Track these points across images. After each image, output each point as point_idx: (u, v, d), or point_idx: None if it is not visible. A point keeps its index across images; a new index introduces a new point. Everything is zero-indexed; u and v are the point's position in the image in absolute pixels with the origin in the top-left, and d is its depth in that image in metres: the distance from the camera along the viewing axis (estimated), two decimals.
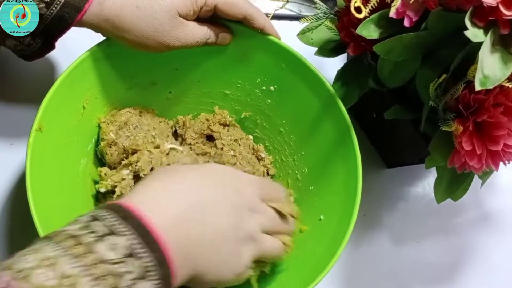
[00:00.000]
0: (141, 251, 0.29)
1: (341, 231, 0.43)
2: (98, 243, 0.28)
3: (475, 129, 0.42)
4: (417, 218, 0.61)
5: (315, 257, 0.45)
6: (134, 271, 0.28)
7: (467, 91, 0.42)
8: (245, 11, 0.46)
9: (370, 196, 0.60)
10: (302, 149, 0.53)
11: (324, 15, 0.51)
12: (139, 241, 0.29)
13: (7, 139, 0.54)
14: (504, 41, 0.38)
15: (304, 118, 0.52)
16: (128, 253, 0.28)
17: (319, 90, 0.49)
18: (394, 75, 0.47)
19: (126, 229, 0.29)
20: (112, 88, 0.50)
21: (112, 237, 0.28)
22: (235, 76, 0.53)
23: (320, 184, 0.51)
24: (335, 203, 0.47)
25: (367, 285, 0.57)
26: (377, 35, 0.43)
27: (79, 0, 0.41)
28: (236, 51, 0.51)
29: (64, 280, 0.25)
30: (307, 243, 0.48)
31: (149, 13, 0.42)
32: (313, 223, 0.49)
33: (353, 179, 0.45)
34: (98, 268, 0.27)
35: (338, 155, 0.48)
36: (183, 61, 0.51)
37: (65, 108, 0.45)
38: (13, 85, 0.57)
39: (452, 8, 0.40)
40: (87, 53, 0.45)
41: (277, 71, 0.51)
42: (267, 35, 0.49)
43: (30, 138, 0.41)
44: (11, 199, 0.51)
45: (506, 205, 0.64)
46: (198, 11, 0.45)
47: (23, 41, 0.44)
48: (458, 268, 0.60)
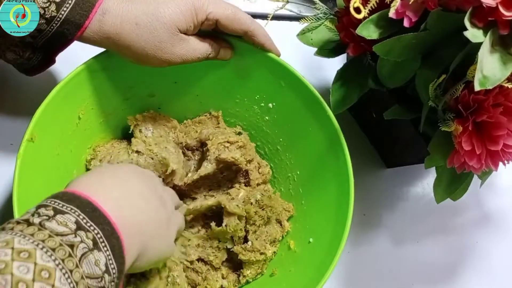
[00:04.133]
0: (89, 224, 0.31)
1: (330, 255, 0.43)
2: (48, 222, 0.29)
3: (475, 129, 0.42)
4: (417, 218, 0.61)
5: (305, 278, 0.45)
6: (85, 241, 0.30)
7: (466, 91, 0.42)
8: (246, 27, 0.46)
9: (370, 196, 0.60)
10: (297, 168, 0.53)
11: (324, 15, 0.51)
12: (84, 216, 0.31)
13: (7, 139, 0.55)
14: (503, 41, 0.38)
15: (301, 137, 0.51)
16: (77, 227, 0.30)
17: (319, 113, 0.48)
18: (394, 75, 0.47)
19: (71, 208, 0.31)
20: (108, 99, 0.49)
21: (59, 215, 0.30)
22: (234, 91, 0.53)
23: (312, 205, 0.51)
24: (326, 226, 0.47)
25: (367, 285, 0.57)
26: (376, 35, 0.43)
27: (79, 17, 0.41)
28: (236, 66, 0.50)
29: (21, 254, 0.27)
30: (298, 263, 0.48)
31: (149, 31, 0.42)
32: (303, 245, 0.49)
33: (345, 203, 0.45)
34: (51, 241, 0.28)
35: (332, 177, 0.48)
36: (182, 75, 0.51)
37: (60, 118, 0.45)
38: (14, 91, 0.57)
39: (452, 8, 0.40)
40: (84, 65, 0.45)
41: (276, 88, 0.50)
42: (267, 52, 0.48)
43: (20, 148, 0.40)
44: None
45: (506, 205, 0.64)
46: (199, 25, 0.45)
47: (23, 54, 0.45)
48: (458, 268, 0.60)
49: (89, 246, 0.30)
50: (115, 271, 0.31)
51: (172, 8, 0.42)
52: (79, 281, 0.28)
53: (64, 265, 0.28)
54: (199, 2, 0.43)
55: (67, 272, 0.28)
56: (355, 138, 0.63)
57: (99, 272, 0.30)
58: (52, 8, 0.40)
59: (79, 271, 0.28)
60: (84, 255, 0.29)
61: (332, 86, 0.51)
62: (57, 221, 0.30)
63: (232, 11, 0.45)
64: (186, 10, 0.43)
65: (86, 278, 0.29)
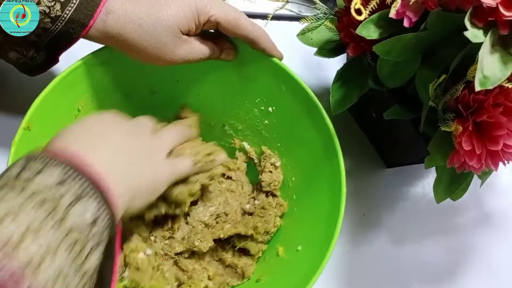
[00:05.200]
0: (73, 175, 0.31)
1: (316, 264, 0.42)
2: (37, 176, 0.31)
3: (475, 129, 0.42)
4: (417, 218, 0.61)
5: (291, 286, 0.45)
6: (70, 191, 0.31)
7: (466, 91, 0.42)
8: (247, 33, 0.46)
9: (370, 196, 0.60)
10: (293, 175, 0.53)
11: (324, 15, 0.51)
12: (70, 168, 0.32)
13: (7, 139, 0.54)
14: (503, 41, 0.38)
15: (299, 143, 0.51)
16: (62, 180, 0.31)
17: (317, 120, 0.48)
18: (394, 75, 0.47)
19: (56, 163, 0.32)
20: (109, 94, 0.49)
21: (47, 168, 0.31)
22: (236, 92, 0.53)
23: (304, 213, 0.50)
24: (315, 234, 0.46)
25: (367, 285, 0.57)
26: (376, 35, 0.43)
27: (83, 17, 0.41)
28: (238, 68, 0.50)
29: (11, 210, 0.28)
30: (285, 270, 0.48)
31: (151, 32, 0.42)
32: (291, 252, 0.49)
33: (335, 214, 0.44)
34: (37, 196, 0.30)
35: (326, 186, 0.47)
36: (184, 74, 0.51)
37: (59, 109, 0.45)
38: (14, 90, 0.57)
39: (452, 8, 0.40)
40: (85, 58, 0.45)
41: (277, 92, 0.50)
42: (269, 56, 0.48)
43: (16, 136, 0.41)
44: None
45: (506, 205, 0.64)
46: (201, 26, 0.45)
47: (27, 54, 0.45)
48: (458, 268, 0.60)
49: (77, 195, 0.31)
50: (106, 219, 0.32)
51: (174, 10, 0.42)
52: (68, 231, 0.29)
53: (51, 216, 0.29)
54: (202, 4, 0.43)
55: (55, 224, 0.29)
56: (355, 138, 0.63)
57: (88, 221, 0.31)
58: (57, 8, 0.40)
59: (67, 221, 0.29)
60: (71, 205, 0.30)
61: (332, 86, 0.51)
62: (43, 173, 0.31)
63: (234, 17, 0.45)
64: (189, 13, 0.43)
65: (75, 229, 0.30)
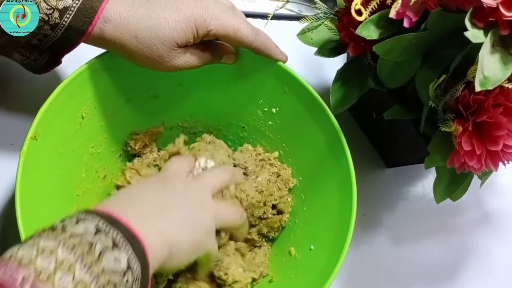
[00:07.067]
0: (108, 228, 0.32)
1: (333, 261, 0.43)
2: (70, 226, 0.31)
3: (475, 130, 0.42)
4: (417, 218, 0.61)
5: (307, 285, 0.45)
6: (104, 240, 0.31)
7: (467, 91, 0.42)
8: (249, 44, 0.45)
9: (370, 196, 0.60)
10: (300, 175, 0.53)
11: (324, 15, 0.51)
12: (104, 221, 0.33)
13: (7, 139, 0.54)
14: (504, 42, 0.38)
15: (304, 143, 0.51)
16: (97, 230, 0.32)
17: (322, 120, 0.48)
18: (394, 75, 0.47)
19: (92, 216, 0.33)
20: (112, 99, 0.49)
21: (81, 222, 0.32)
22: (239, 95, 0.53)
23: (314, 212, 0.50)
24: (327, 232, 0.46)
25: (367, 285, 0.57)
26: (377, 35, 0.43)
27: (82, 24, 0.41)
28: (240, 70, 0.50)
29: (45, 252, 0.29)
30: (299, 270, 0.48)
31: (147, 45, 0.42)
32: (304, 252, 0.49)
33: (347, 210, 0.44)
34: (72, 240, 0.30)
35: (334, 184, 0.47)
36: (187, 77, 0.51)
37: (63, 117, 0.45)
38: (15, 90, 0.57)
39: (452, 8, 0.40)
40: (87, 64, 0.45)
41: (280, 94, 0.50)
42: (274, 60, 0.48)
43: (24, 146, 0.41)
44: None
45: (506, 205, 0.64)
46: (199, 39, 0.44)
47: (30, 56, 0.45)
48: (458, 268, 0.60)
49: (109, 245, 0.31)
50: (137, 269, 0.32)
51: (172, 24, 0.42)
52: (100, 274, 0.29)
53: (84, 258, 0.29)
54: (201, 19, 0.43)
55: (87, 265, 0.29)
56: (355, 138, 0.63)
57: (121, 268, 0.31)
58: (56, 15, 0.40)
59: (100, 264, 0.30)
60: (103, 252, 0.30)
61: (332, 86, 0.51)
62: (78, 224, 0.32)
63: (234, 29, 0.44)
64: (187, 28, 0.42)
65: (107, 273, 0.30)
